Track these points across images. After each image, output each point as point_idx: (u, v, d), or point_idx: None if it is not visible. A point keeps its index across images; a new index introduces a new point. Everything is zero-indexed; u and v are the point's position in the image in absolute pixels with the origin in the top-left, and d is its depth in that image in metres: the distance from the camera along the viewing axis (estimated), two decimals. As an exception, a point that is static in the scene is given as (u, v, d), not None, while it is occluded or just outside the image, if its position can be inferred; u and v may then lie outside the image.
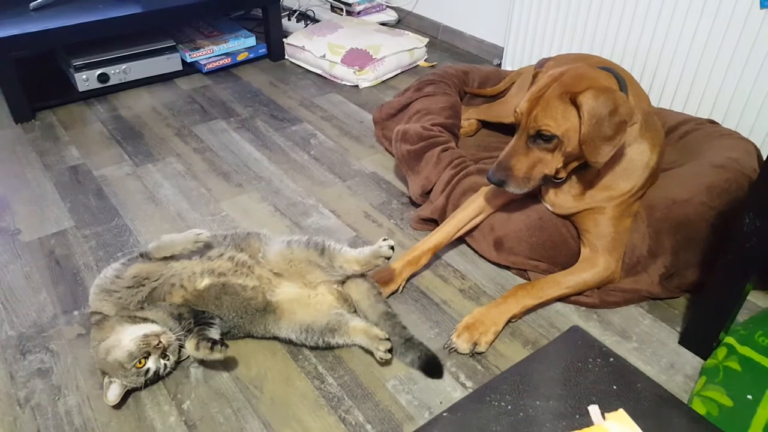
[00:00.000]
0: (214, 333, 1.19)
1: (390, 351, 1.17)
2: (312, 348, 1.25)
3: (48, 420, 1.11)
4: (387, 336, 1.19)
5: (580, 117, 1.17)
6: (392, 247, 1.18)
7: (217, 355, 1.12)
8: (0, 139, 2.06)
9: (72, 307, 1.36)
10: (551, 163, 1.25)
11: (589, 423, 0.67)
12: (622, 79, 1.26)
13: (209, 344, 1.11)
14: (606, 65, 1.33)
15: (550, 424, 0.66)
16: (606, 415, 0.68)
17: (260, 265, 1.26)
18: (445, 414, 0.68)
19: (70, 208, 1.71)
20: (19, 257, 1.52)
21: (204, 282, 1.21)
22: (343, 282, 1.28)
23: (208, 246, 1.26)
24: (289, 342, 1.25)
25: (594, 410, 0.68)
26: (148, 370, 1.11)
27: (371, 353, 1.20)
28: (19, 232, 1.61)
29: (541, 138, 1.22)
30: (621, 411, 0.66)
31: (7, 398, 1.15)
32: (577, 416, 0.68)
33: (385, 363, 1.21)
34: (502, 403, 0.68)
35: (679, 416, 0.67)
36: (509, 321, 1.30)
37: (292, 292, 1.25)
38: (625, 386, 0.70)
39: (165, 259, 1.22)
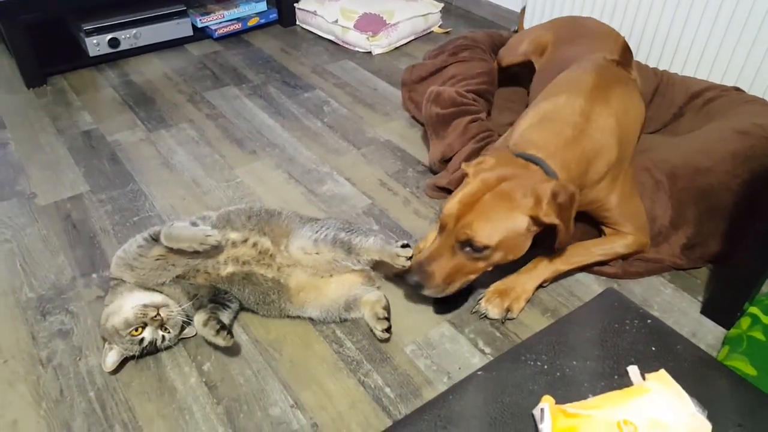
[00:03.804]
0: (227, 315, 1.17)
1: (388, 330, 1.16)
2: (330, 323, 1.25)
3: (70, 379, 1.12)
4: (387, 316, 1.17)
5: (551, 226, 1.11)
6: (410, 258, 1.15)
7: (220, 341, 1.09)
8: (12, 104, 2.04)
9: (90, 270, 1.36)
10: (478, 270, 1.17)
11: (629, 383, 0.67)
12: (542, 161, 1.16)
13: (218, 326, 1.09)
14: (521, 149, 1.21)
15: (588, 384, 0.65)
16: (646, 375, 0.67)
17: (281, 254, 1.22)
18: (479, 372, 0.67)
19: (85, 173, 1.70)
20: (36, 221, 1.52)
21: (227, 269, 1.19)
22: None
23: (219, 248, 1.19)
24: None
25: (633, 371, 0.67)
26: (143, 340, 1.09)
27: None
28: (35, 196, 1.60)
29: (471, 247, 1.12)
30: (662, 371, 0.65)
31: (30, 358, 1.16)
32: (616, 377, 0.67)
33: (384, 341, 1.19)
34: (538, 363, 0.68)
35: (720, 377, 0.66)
36: (540, 286, 1.29)
37: (311, 278, 1.23)
38: (663, 347, 0.69)
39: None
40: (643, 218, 1.33)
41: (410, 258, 1.15)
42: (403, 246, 1.16)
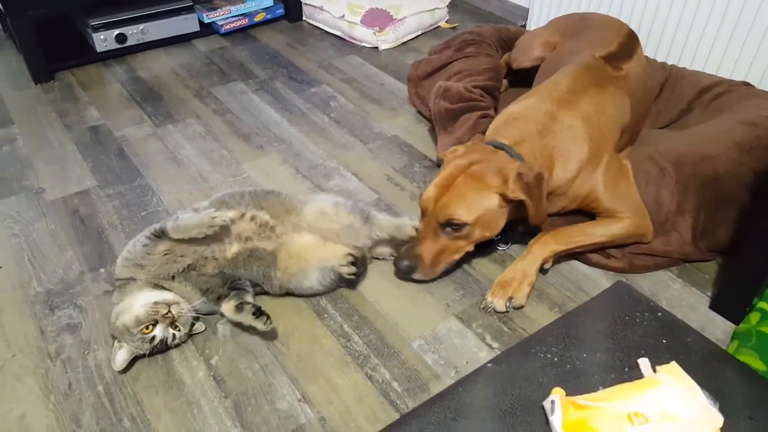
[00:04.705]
0: (250, 298, 1.18)
1: (354, 264, 1.20)
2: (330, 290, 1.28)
3: (79, 373, 1.12)
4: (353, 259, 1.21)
5: (518, 203, 1.19)
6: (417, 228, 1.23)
7: (260, 325, 1.10)
8: (20, 99, 2.05)
9: (98, 264, 1.37)
10: (462, 248, 1.26)
11: (639, 376, 0.66)
12: (508, 148, 1.27)
13: (253, 309, 1.10)
14: (490, 140, 1.33)
15: (598, 376, 0.65)
16: (657, 368, 0.66)
17: (282, 224, 1.24)
18: (489, 365, 0.67)
19: (92, 168, 1.70)
20: (44, 215, 1.52)
21: (233, 249, 1.19)
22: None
23: (225, 229, 1.19)
24: (312, 295, 1.26)
25: (644, 363, 0.67)
26: (153, 338, 1.09)
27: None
28: (43, 191, 1.61)
29: (451, 226, 1.21)
30: (673, 364, 0.65)
31: (39, 352, 1.17)
32: (627, 369, 0.67)
33: (350, 284, 1.27)
34: (548, 355, 0.67)
35: (732, 370, 0.65)
36: (541, 269, 1.29)
37: (308, 240, 1.24)
38: (674, 340, 0.69)
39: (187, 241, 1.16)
40: (636, 200, 1.33)
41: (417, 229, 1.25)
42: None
